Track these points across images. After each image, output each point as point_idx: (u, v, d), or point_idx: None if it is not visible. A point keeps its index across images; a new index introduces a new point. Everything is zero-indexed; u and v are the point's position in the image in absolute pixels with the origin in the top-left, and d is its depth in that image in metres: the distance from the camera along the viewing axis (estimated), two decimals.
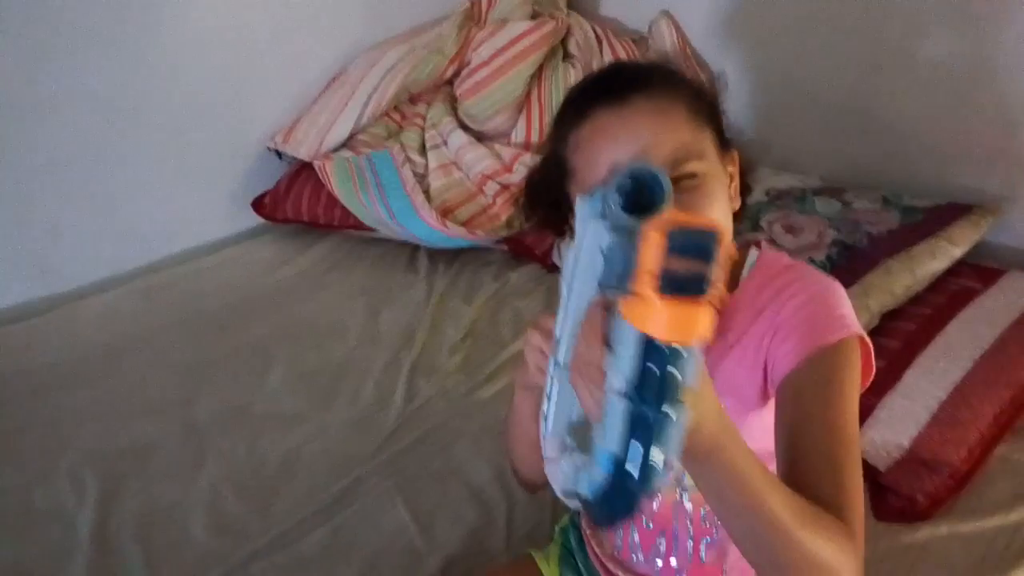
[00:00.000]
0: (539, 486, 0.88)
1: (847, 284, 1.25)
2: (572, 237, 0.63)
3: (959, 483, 1.11)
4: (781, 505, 0.57)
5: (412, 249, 1.77)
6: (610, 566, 0.88)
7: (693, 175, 0.70)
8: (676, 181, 0.68)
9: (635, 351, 0.46)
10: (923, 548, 1.06)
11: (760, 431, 0.72)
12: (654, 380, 0.46)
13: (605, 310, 0.51)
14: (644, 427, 0.46)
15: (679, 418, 0.47)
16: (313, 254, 1.79)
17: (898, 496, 1.10)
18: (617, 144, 0.69)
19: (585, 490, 0.51)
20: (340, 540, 1.10)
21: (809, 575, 0.60)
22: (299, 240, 1.83)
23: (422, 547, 1.09)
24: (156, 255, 1.76)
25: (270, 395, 1.38)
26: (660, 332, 0.45)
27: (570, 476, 0.55)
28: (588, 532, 0.91)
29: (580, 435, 0.56)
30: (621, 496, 0.48)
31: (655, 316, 0.45)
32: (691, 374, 0.47)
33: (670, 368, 0.46)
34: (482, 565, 1.06)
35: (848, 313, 0.72)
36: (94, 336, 1.51)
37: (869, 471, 1.12)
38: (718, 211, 0.71)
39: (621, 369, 0.47)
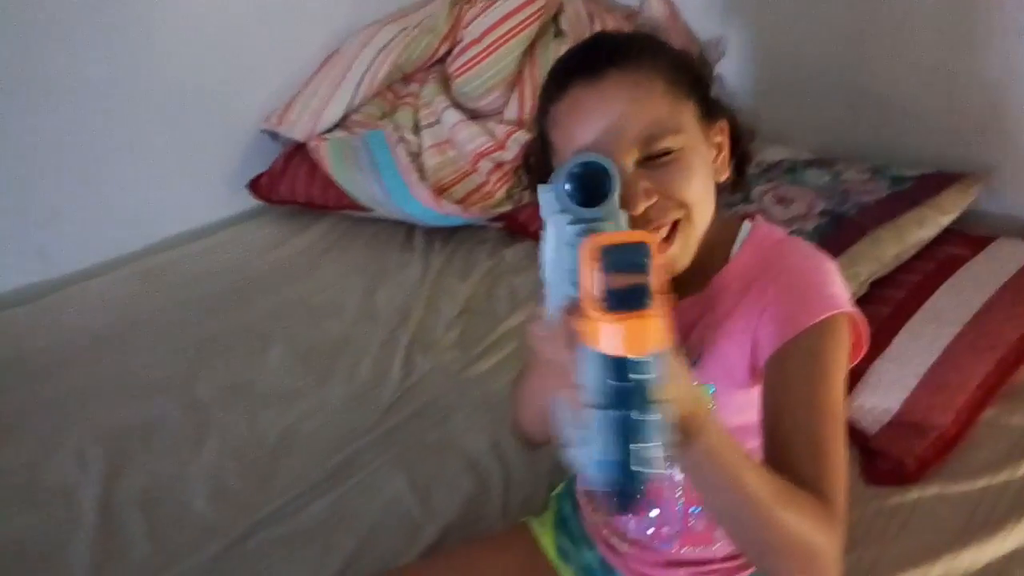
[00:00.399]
0: (538, 444, 0.90)
1: (836, 253, 1.28)
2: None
3: (947, 446, 1.13)
4: (759, 485, 0.59)
5: (407, 228, 1.78)
6: (604, 532, 0.90)
7: (668, 151, 0.69)
8: (651, 158, 0.69)
9: (598, 367, 0.48)
10: (912, 510, 1.08)
11: (748, 405, 0.73)
12: (622, 391, 0.48)
13: (571, 314, 0.52)
14: (624, 434, 0.48)
15: (656, 418, 0.49)
16: (309, 235, 1.80)
17: (887, 459, 1.12)
18: (591, 121, 0.69)
19: (591, 485, 0.53)
20: (340, 511, 1.12)
21: (787, 554, 0.61)
22: (295, 221, 1.84)
23: (420, 517, 1.11)
24: (154, 238, 1.77)
25: (269, 373, 1.40)
26: (614, 350, 0.47)
27: (582, 468, 0.57)
28: (582, 499, 0.93)
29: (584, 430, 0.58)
30: (623, 494, 0.50)
31: (605, 336, 0.47)
32: (657, 375, 0.48)
33: (634, 378, 0.48)
34: (479, 533, 1.09)
35: (837, 291, 0.72)
36: (96, 318, 1.53)
37: (858, 436, 1.14)
38: (696, 185, 0.71)
39: (590, 384, 0.49)
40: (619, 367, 0.47)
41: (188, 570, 1.04)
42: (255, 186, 1.84)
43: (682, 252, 0.72)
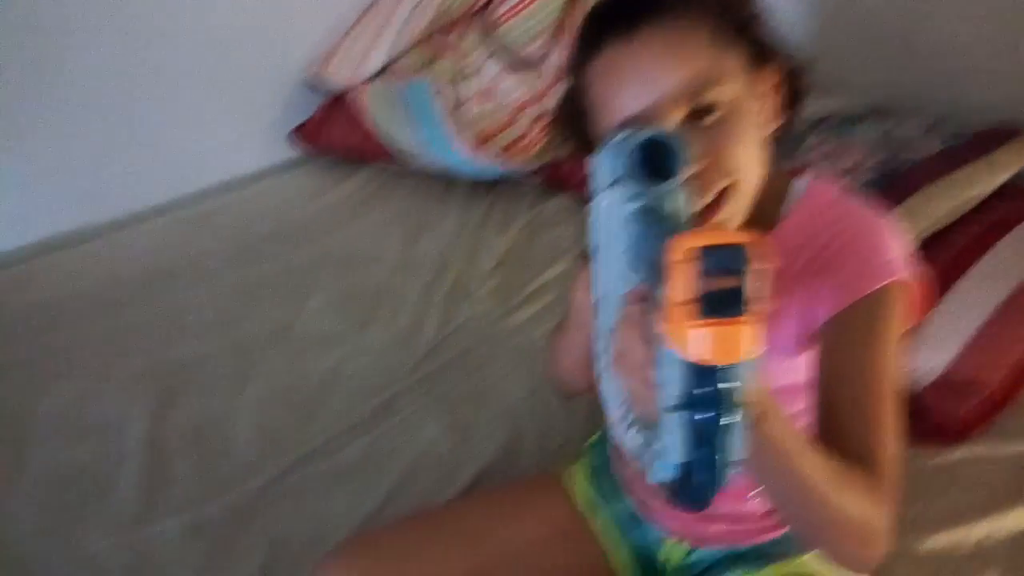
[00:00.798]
0: (574, 394, 0.90)
1: (890, 208, 1.23)
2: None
3: (996, 406, 1.11)
4: (816, 469, 0.58)
5: (447, 180, 1.77)
6: (635, 485, 0.90)
7: (713, 107, 0.65)
8: (695, 115, 0.65)
9: (683, 372, 0.46)
10: (957, 468, 1.07)
11: (792, 369, 0.72)
12: (706, 398, 0.45)
13: (643, 303, 0.50)
14: (706, 438, 0.46)
15: (739, 422, 0.46)
16: (350, 184, 1.81)
17: (933, 418, 1.10)
18: (628, 83, 0.65)
19: (656, 479, 0.51)
20: (378, 451, 1.15)
21: (839, 532, 0.61)
22: (337, 171, 1.85)
23: (456, 459, 1.13)
24: (199, 185, 1.79)
25: (311, 317, 1.42)
26: (703, 357, 0.44)
27: (637, 453, 0.56)
28: (614, 451, 0.93)
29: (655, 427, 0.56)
30: (693, 494, 0.49)
31: (695, 343, 0.44)
32: (745, 381, 0.46)
33: (720, 386, 0.45)
34: (513, 477, 1.10)
35: (895, 257, 0.69)
36: (143, 261, 1.55)
37: (905, 394, 1.12)
38: (746, 147, 0.66)
39: (672, 387, 0.46)
40: (704, 374, 0.45)
41: (231, 502, 1.07)
42: (297, 135, 1.85)
43: (732, 217, 0.68)
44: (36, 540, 1.00)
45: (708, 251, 0.43)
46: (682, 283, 0.43)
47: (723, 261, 0.43)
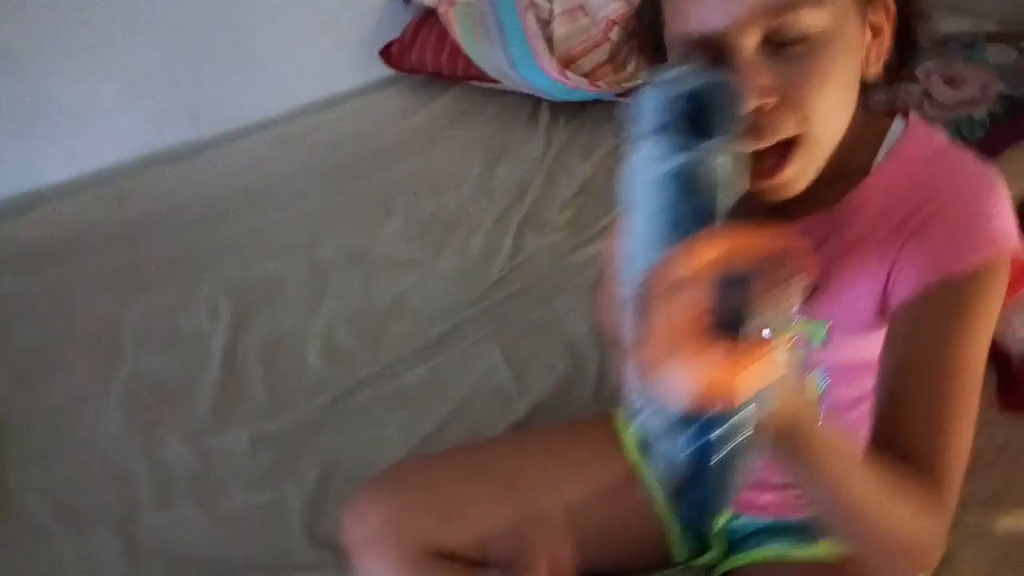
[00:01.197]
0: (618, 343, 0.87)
1: (1010, 144, 1.10)
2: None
3: None
4: (865, 486, 0.53)
5: (534, 102, 1.72)
6: None
7: (803, 35, 0.55)
8: (781, 43, 0.55)
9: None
10: None
11: (867, 343, 0.64)
12: (711, 425, 0.40)
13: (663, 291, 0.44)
14: (703, 464, 0.41)
15: (746, 452, 0.41)
16: (437, 106, 1.79)
17: None
18: None
19: (657, 472, 0.47)
20: (439, 378, 1.16)
21: (889, 546, 0.57)
22: (424, 91, 1.83)
23: (513, 391, 1.13)
24: (290, 105, 1.82)
25: (386, 241, 1.44)
26: (708, 387, 0.38)
27: (644, 434, 0.51)
28: None
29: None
30: (690, 509, 0.45)
31: (699, 369, 0.37)
32: (763, 406, 0.40)
33: (730, 416, 0.39)
34: (569, 414, 1.09)
35: (1001, 225, 0.59)
36: (234, 179, 1.61)
37: (999, 357, 1.02)
38: (832, 90, 0.57)
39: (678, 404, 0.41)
40: (709, 402, 0.39)
41: (298, 417, 1.12)
42: (386, 54, 1.83)
43: (801, 175, 0.59)
44: (119, 441, 1.09)
45: (733, 259, 0.36)
46: (692, 296, 0.37)
47: (749, 274, 0.36)
